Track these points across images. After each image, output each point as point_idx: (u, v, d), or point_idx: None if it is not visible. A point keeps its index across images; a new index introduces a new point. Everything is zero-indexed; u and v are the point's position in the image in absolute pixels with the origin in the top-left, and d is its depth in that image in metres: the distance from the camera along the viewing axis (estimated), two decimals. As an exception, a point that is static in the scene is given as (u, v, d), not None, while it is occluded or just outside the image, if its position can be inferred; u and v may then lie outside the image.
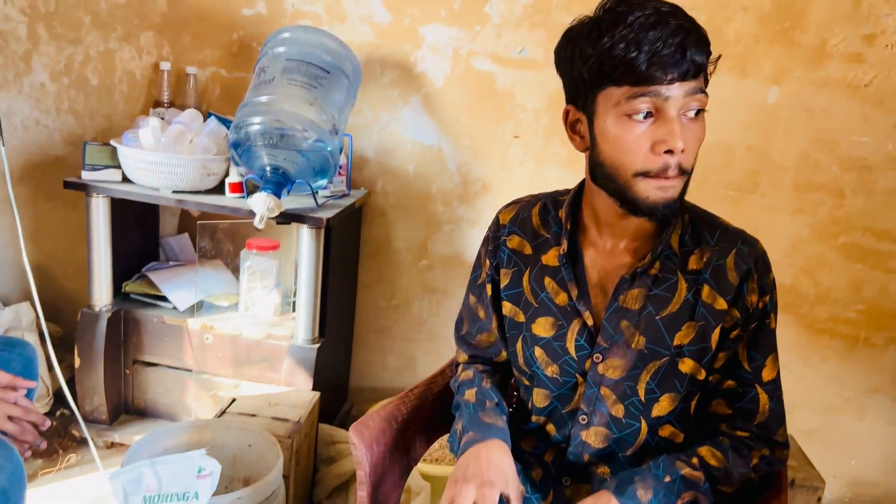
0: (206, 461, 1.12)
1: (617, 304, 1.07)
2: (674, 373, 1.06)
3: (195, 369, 2.12)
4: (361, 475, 1.15)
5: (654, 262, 1.06)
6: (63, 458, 2.06)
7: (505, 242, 1.19)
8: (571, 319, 1.11)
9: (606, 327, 1.08)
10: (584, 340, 1.10)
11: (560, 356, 1.11)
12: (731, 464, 1.04)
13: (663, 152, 0.94)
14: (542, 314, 1.13)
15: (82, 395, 2.12)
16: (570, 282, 1.10)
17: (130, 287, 2.20)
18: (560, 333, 1.11)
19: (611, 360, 1.08)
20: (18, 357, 1.40)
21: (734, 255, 1.05)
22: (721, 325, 1.04)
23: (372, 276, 2.38)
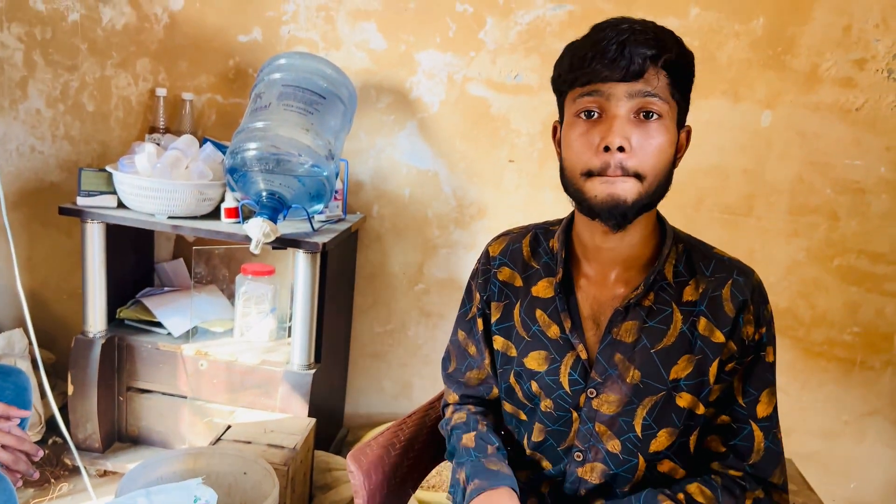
0: (203, 490, 1.10)
1: (611, 338, 1.05)
2: (671, 407, 1.04)
3: (190, 396, 2.10)
4: (359, 503, 1.14)
5: (648, 292, 1.04)
6: (55, 488, 2.03)
7: (496, 275, 1.17)
8: (564, 353, 1.08)
9: (600, 361, 1.05)
10: (578, 374, 1.07)
11: (554, 390, 1.09)
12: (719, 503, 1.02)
13: (602, 150, 0.94)
14: (534, 348, 1.11)
15: (75, 422, 2.09)
16: (564, 313, 1.08)
17: (125, 313, 2.18)
18: (553, 367, 1.09)
19: (605, 395, 1.05)
20: (12, 385, 1.39)
21: (730, 286, 1.03)
22: (718, 358, 1.02)
23: (368, 301, 2.37)
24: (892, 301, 2.10)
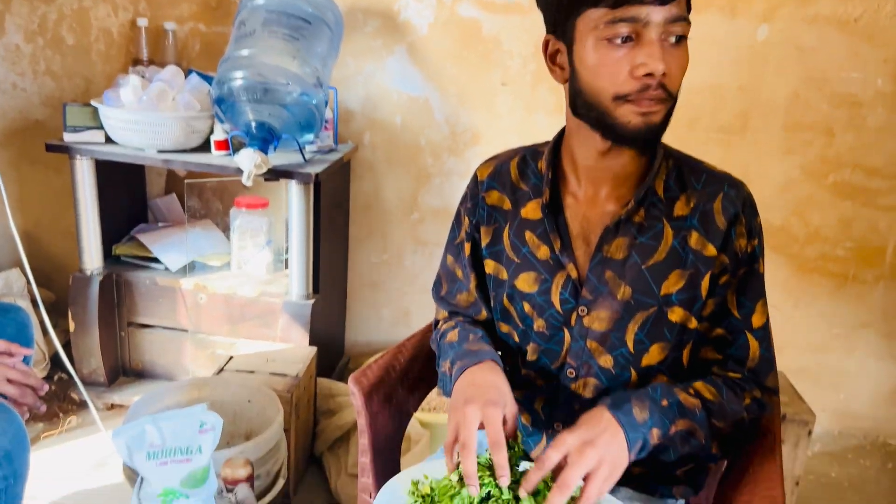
0: (208, 416, 1.12)
1: (601, 255, 1.04)
2: (663, 322, 1.05)
3: (191, 329, 2.13)
4: (362, 423, 1.16)
5: (639, 208, 1.04)
6: (64, 421, 2.07)
7: (484, 199, 1.16)
8: (555, 273, 1.08)
9: (591, 279, 1.06)
10: (569, 294, 1.08)
11: (545, 310, 1.10)
12: (725, 399, 1.04)
13: (643, 76, 0.92)
14: (524, 270, 1.11)
15: (79, 358, 2.12)
16: (553, 233, 1.08)
17: (121, 249, 2.19)
18: (544, 288, 1.10)
19: (596, 313, 1.06)
20: (12, 322, 1.40)
21: (721, 198, 1.03)
22: (710, 271, 1.03)
23: (363, 231, 2.37)
24: (885, 215, 2.11)
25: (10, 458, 1.11)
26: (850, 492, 2.07)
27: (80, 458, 1.95)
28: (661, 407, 0.99)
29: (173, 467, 1.08)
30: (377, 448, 1.19)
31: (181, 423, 1.10)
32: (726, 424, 1.04)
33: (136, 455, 1.07)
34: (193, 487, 1.09)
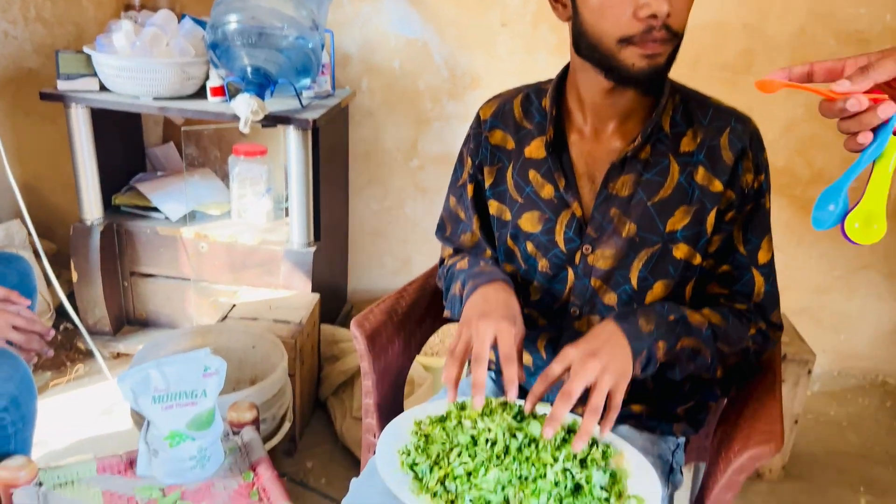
0: (211, 360, 1.13)
1: (606, 192, 1.04)
2: (667, 259, 1.05)
3: (193, 278, 2.13)
4: (365, 366, 1.17)
5: (645, 144, 1.03)
6: (71, 370, 2.10)
7: (487, 139, 1.15)
8: (559, 212, 1.08)
9: (596, 217, 1.06)
10: (574, 232, 1.08)
11: (549, 250, 1.10)
12: (730, 324, 1.05)
13: (647, 17, 0.90)
14: (528, 209, 1.11)
15: (83, 308, 2.13)
16: (557, 172, 1.07)
17: (120, 199, 2.18)
18: (548, 227, 1.09)
19: (601, 251, 1.06)
20: (14, 271, 1.40)
21: (728, 133, 1.02)
22: (716, 207, 1.02)
23: (363, 179, 2.36)
24: (890, 155, 2.09)
25: (17, 404, 1.13)
26: (848, 430, 2.10)
27: (88, 405, 1.98)
28: (667, 321, 0.99)
29: (179, 411, 1.10)
30: (381, 390, 1.20)
31: (185, 368, 1.11)
32: (731, 350, 1.05)
33: (141, 399, 1.09)
34: (199, 430, 1.11)
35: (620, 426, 1.12)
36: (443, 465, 0.96)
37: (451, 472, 0.95)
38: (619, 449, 1.02)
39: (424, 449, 1.00)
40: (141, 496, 1.10)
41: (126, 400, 1.09)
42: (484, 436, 0.98)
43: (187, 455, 1.10)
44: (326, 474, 1.80)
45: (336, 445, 1.89)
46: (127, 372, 1.10)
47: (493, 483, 0.93)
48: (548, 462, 0.93)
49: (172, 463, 1.11)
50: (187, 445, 1.10)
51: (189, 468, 1.11)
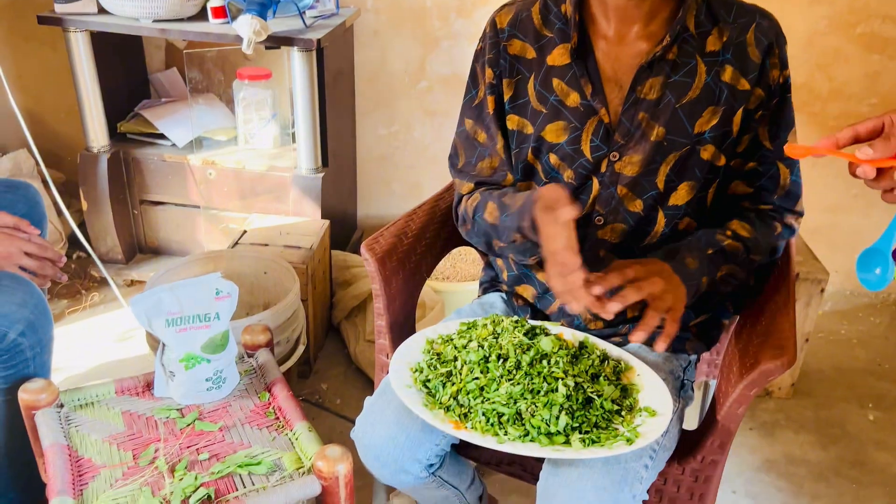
0: (223, 283, 1.13)
1: (635, 96, 1.02)
2: (694, 161, 1.04)
3: (202, 205, 2.13)
4: (376, 288, 1.17)
5: (673, 45, 1.01)
6: (86, 298, 2.12)
7: (506, 48, 1.11)
8: (586, 119, 1.06)
9: (623, 122, 1.04)
10: (601, 140, 1.06)
11: (575, 160, 1.08)
12: (759, 233, 1.07)
13: None
14: (552, 120, 1.08)
15: (95, 237, 2.14)
16: (584, 78, 1.05)
17: (126, 127, 2.15)
18: (574, 136, 1.07)
19: (628, 157, 1.04)
20: (22, 198, 1.40)
21: (754, 30, 1.01)
22: (744, 106, 1.02)
23: (370, 103, 2.31)
24: (914, 68, 2.02)
25: (34, 329, 1.14)
26: (857, 347, 2.11)
27: (104, 331, 2.01)
28: (707, 255, 1.02)
29: (193, 333, 1.10)
30: (392, 311, 1.21)
31: (197, 291, 1.12)
32: (761, 256, 1.08)
33: (155, 322, 1.10)
34: (214, 352, 1.12)
35: (631, 343, 1.13)
36: (455, 382, 0.97)
37: (464, 388, 0.96)
38: (630, 364, 1.03)
39: (437, 366, 1.01)
40: (160, 416, 1.12)
41: (140, 323, 1.10)
42: (496, 352, 0.98)
43: (203, 377, 1.12)
44: (341, 395, 1.83)
45: (350, 368, 1.92)
46: (140, 296, 1.10)
47: (504, 397, 0.94)
48: (559, 376, 0.94)
49: (189, 385, 1.12)
50: (202, 367, 1.11)
51: (205, 390, 1.13)
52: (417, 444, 1.05)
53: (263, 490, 0.98)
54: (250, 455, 1.04)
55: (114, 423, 1.10)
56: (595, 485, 0.92)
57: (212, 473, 1.01)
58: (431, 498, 1.21)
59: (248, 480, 1.00)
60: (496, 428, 0.92)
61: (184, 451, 1.05)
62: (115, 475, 1.01)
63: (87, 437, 1.07)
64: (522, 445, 0.90)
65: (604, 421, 0.93)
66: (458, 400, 0.96)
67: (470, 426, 0.93)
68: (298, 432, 1.07)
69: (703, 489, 1.04)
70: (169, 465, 1.02)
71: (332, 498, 1.00)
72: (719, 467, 1.02)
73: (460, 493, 1.21)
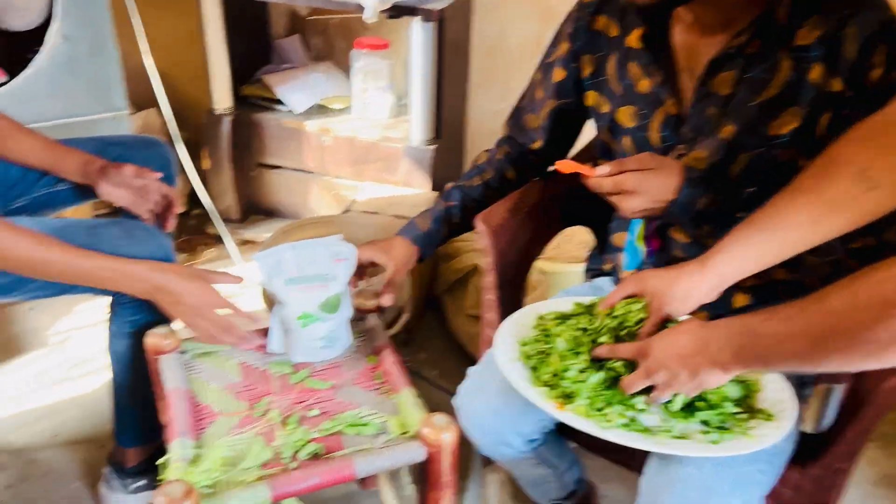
0: (342, 246, 1.16)
1: (704, 90, 0.97)
2: (768, 163, 0.95)
3: (316, 171, 2.18)
4: (488, 262, 1.17)
5: (753, 39, 0.92)
6: (201, 253, 2.22)
7: (589, 24, 1.08)
8: (654, 108, 1.02)
9: (693, 116, 0.99)
10: (669, 131, 1.02)
11: (643, 148, 1.04)
12: None
13: None
14: (624, 103, 1.06)
15: (214, 195, 2.23)
16: (653, 65, 1.00)
17: (248, 90, 2.23)
18: (643, 124, 1.04)
19: (696, 153, 0.99)
20: (157, 155, 1.47)
21: (854, 23, 0.87)
22: (832, 109, 0.90)
23: (484, 77, 2.29)
24: None
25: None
26: None
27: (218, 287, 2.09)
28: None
29: (311, 293, 1.13)
30: (502, 287, 1.20)
31: (318, 252, 1.14)
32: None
33: (275, 280, 1.13)
34: (329, 312, 1.14)
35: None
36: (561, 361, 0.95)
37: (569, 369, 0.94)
38: None
39: (545, 342, 1.00)
40: (273, 370, 1.16)
41: (261, 279, 1.14)
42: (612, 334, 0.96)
43: (317, 335, 1.14)
44: (438, 367, 1.85)
45: (448, 341, 1.94)
46: (262, 253, 1.14)
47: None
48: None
49: (303, 342, 1.15)
50: (317, 326, 1.14)
51: (319, 348, 1.16)
52: (521, 417, 1.04)
53: (370, 451, 1.00)
54: (358, 416, 1.07)
55: (231, 373, 1.15)
56: (703, 487, 0.88)
57: (321, 430, 1.03)
58: (528, 475, 1.21)
59: (355, 440, 1.02)
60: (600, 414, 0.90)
61: (295, 406, 1.09)
62: (232, 422, 1.05)
63: (206, 384, 1.12)
64: (626, 434, 0.87)
65: (722, 419, 0.89)
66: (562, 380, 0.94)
67: (572, 408, 0.91)
68: (404, 397, 1.09)
69: (826, 499, 0.98)
70: (281, 417, 1.06)
71: (436, 465, 1.01)
72: (846, 477, 0.96)
73: (558, 473, 1.20)
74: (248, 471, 0.96)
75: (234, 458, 0.98)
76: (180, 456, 0.97)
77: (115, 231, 1.20)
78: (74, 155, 1.33)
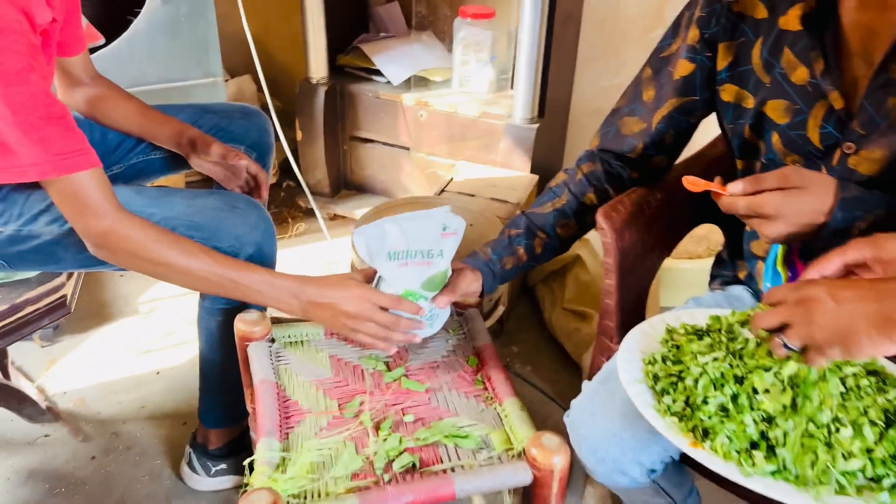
0: (451, 218, 1.02)
1: (886, 77, 0.80)
2: None
3: (410, 147, 2.08)
4: (610, 262, 1.04)
5: None
6: (293, 227, 2.17)
7: (728, 6, 0.92)
8: (812, 103, 0.86)
9: (866, 108, 0.82)
10: (833, 127, 0.85)
11: (800, 147, 0.89)
12: None
13: None
14: (774, 96, 0.89)
15: (305, 168, 2.17)
16: (815, 51, 0.84)
17: (344, 60, 2.14)
18: (797, 121, 0.87)
19: (867, 152, 0.83)
20: (255, 126, 1.39)
21: None
22: None
23: (594, 50, 2.13)
24: None
25: (262, 252, 1.13)
26: None
27: (308, 261, 2.04)
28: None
29: (414, 269, 1.00)
30: (623, 291, 1.07)
31: (424, 225, 1.00)
32: None
33: (376, 255, 0.99)
34: (433, 290, 1.02)
35: None
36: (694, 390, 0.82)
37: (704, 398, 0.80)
38: None
39: (676, 362, 0.87)
40: (367, 366, 1.07)
41: (360, 254, 1.01)
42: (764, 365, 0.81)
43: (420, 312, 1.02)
44: (531, 362, 1.73)
45: (542, 334, 1.82)
46: (365, 227, 1.00)
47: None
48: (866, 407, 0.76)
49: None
50: (420, 303, 1.01)
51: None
52: (643, 446, 0.92)
53: (471, 468, 0.90)
54: (457, 425, 0.96)
55: (321, 366, 1.07)
56: None
57: (416, 439, 0.94)
58: (639, 500, 1.09)
59: (455, 454, 0.92)
60: (743, 455, 0.76)
61: (389, 409, 0.99)
62: (321, 423, 0.97)
63: (295, 377, 1.05)
64: (775, 485, 0.74)
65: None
66: (693, 410, 0.81)
67: (709, 447, 0.78)
68: (509, 409, 0.98)
69: None
70: (374, 421, 0.97)
71: (544, 490, 0.90)
72: None
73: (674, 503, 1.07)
74: (337, 480, 0.88)
75: (323, 464, 0.90)
76: (267, 459, 0.89)
77: (214, 202, 1.13)
78: (169, 123, 1.28)
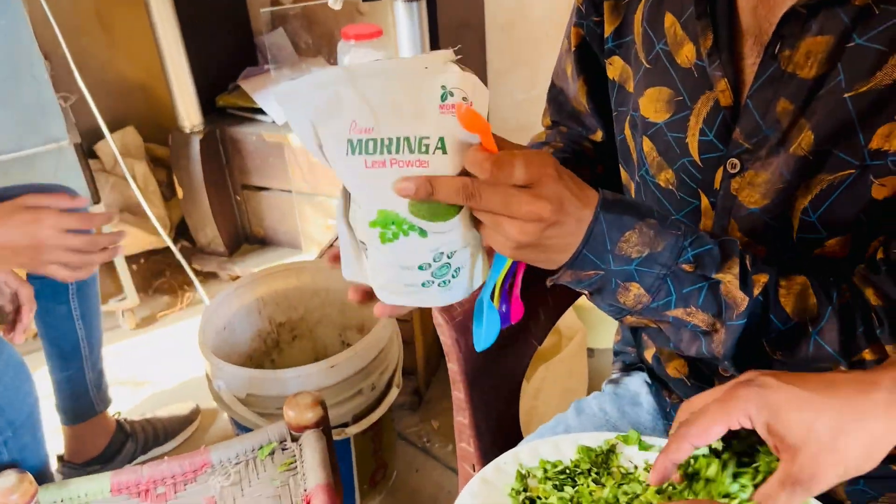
0: (456, 78, 0.53)
1: (775, 67, 0.58)
2: (858, 197, 0.57)
3: (307, 192, 1.82)
4: (454, 369, 0.78)
5: None
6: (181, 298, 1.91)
7: None
8: (698, 93, 0.64)
9: (751, 110, 0.60)
10: (715, 133, 0.63)
11: (677, 157, 0.66)
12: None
13: None
14: (653, 81, 0.67)
15: (194, 227, 1.92)
16: (703, 20, 0.61)
17: (224, 100, 1.89)
18: (678, 118, 0.65)
19: (751, 174, 0.61)
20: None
21: None
22: None
23: (504, 61, 1.88)
24: None
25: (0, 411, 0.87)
26: None
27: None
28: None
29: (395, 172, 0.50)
30: (483, 402, 0.81)
31: (406, 88, 0.52)
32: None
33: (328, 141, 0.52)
34: (435, 218, 0.52)
35: None
36: None
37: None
38: None
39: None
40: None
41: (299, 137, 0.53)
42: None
43: (414, 258, 0.53)
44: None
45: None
46: (295, 84, 0.53)
47: None
48: None
49: (389, 269, 0.55)
50: (413, 241, 0.52)
51: (418, 283, 0.55)
52: None
53: None
54: None
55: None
56: None
57: None
58: None
59: None
60: None
61: None
62: None
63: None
64: None
65: None
66: None
67: None
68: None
69: None
70: None
71: None
72: None
73: None
74: None
75: None
76: None
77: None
78: None
